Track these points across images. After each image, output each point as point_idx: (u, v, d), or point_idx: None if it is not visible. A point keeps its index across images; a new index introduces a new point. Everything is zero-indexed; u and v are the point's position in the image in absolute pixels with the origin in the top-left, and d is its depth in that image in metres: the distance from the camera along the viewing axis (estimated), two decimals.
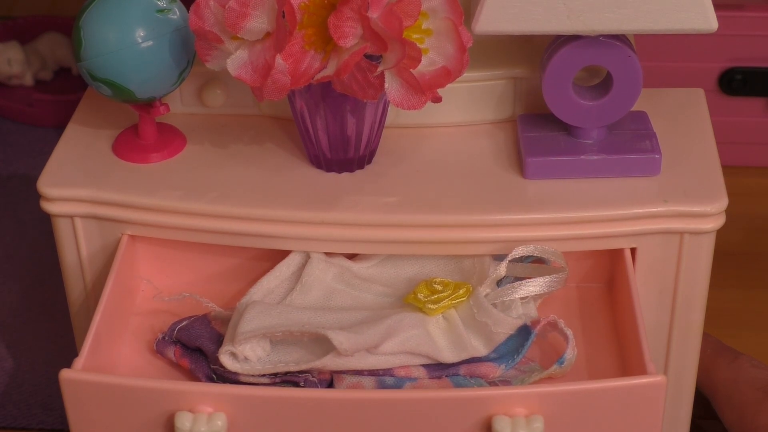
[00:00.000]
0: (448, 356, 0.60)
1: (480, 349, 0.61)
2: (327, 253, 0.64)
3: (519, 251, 0.62)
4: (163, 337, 0.62)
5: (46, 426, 0.75)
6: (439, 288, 0.61)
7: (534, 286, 0.62)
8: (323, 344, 0.59)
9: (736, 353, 0.70)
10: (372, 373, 0.59)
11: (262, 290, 0.63)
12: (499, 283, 0.63)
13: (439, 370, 0.60)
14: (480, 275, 0.63)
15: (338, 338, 0.57)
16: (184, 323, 0.62)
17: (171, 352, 0.61)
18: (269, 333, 0.58)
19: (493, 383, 0.60)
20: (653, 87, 0.70)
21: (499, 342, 0.61)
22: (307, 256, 0.63)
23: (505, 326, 0.61)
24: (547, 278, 0.62)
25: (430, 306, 0.61)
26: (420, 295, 0.61)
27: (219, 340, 0.60)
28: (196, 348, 0.61)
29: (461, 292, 0.61)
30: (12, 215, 0.92)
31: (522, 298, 0.62)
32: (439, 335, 0.61)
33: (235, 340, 0.58)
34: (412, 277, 0.64)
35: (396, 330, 0.59)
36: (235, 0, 0.57)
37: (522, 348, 0.61)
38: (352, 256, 0.65)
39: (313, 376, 0.59)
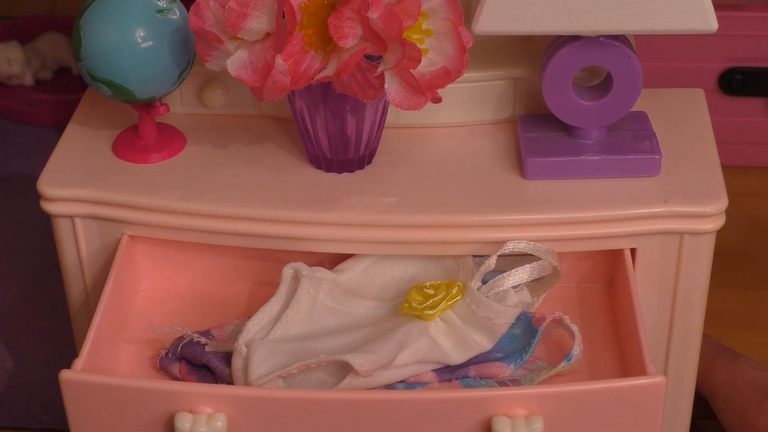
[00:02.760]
0: (456, 358, 0.60)
1: (484, 343, 0.60)
2: (312, 265, 0.63)
3: (509, 246, 0.61)
4: (167, 354, 0.61)
5: (46, 426, 0.75)
6: (431, 292, 0.61)
7: (522, 273, 0.62)
8: (340, 366, 0.58)
9: (735, 355, 0.70)
10: None
11: (257, 326, 0.61)
12: (484, 279, 0.62)
13: (448, 372, 0.60)
14: (464, 273, 0.63)
15: (358, 360, 0.56)
16: (186, 339, 0.61)
17: (176, 369, 0.61)
18: (285, 372, 0.57)
19: (503, 383, 0.60)
20: (653, 87, 0.70)
21: (502, 333, 0.61)
22: (296, 282, 0.62)
23: (507, 317, 0.60)
24: (534, 264, 0.62)
25: (428, 312, 0.60)
26: (414, 303, 0.61)
27: (225, 357, 0.60)
28: (202, 365, 0.61)
29: (454, 291, 0.61)
30: (12, 215, 0.91)
31: (514, 287, 0.62)
32: (442, 339, 0.60)
33: (251, 385, 0.57)
34: (396, 284, 0.64)
35: (406, 342, 0.59)
36: (235, 0, 0.57)
37: (529, 347, 0.61)
38: (343, 258, 0.64)
39: None
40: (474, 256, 0.64)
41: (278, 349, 0.59)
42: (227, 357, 0.60)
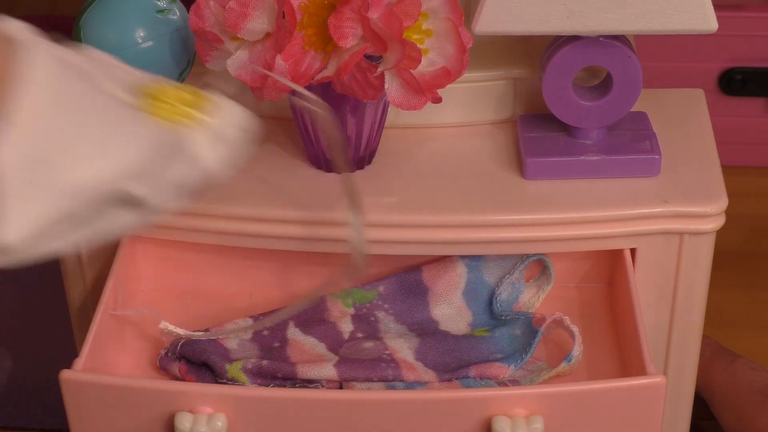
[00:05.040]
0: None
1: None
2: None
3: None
4: (167, 353, 0.61)
5: (46, 426, 0.75)
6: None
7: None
8: None
9: (734, 356, 0.70)
10: (382, 378, 0.59)
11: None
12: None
13: (448, 372, 0.60)
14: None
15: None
16: (185, 338, 0.61)
17: (176, 368, 0.61)
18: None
19: (503, 384, 0.60)
20: (653, 87, 0.70)
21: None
22: None
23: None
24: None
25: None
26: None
27: (225, 354, 0.60)
28: (201, 363, 0.61)
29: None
30: None
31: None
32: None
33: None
34: None
35: None
36: (235, 0, 0.57)
37: (529, 347, 0.61)
38: None
39: (322, 385, 0.59)
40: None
41: None
42: (227, 355, 0.60)
